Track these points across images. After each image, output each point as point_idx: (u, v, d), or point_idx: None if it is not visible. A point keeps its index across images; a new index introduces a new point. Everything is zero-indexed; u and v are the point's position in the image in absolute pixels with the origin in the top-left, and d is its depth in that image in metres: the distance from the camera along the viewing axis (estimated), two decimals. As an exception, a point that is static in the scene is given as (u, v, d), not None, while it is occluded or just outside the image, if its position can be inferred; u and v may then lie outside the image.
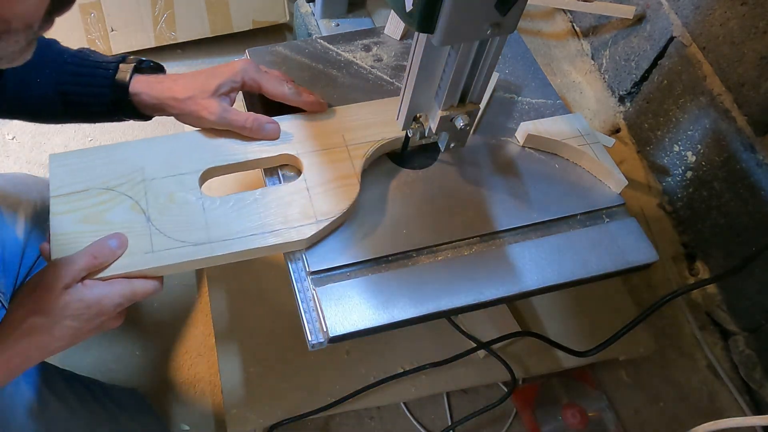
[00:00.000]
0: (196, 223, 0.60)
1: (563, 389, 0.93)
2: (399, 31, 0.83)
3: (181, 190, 0.62)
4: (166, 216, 0.60)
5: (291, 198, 0.63)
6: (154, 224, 0.60)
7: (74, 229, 0.59)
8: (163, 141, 0.66)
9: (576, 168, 0.72)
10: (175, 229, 0.59)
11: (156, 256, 0.58)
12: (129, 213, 0.60)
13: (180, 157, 0.65)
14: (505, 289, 0.62)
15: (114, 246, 0.57)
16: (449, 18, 0.48)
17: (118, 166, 0.64)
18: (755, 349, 0.97)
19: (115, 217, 0.60)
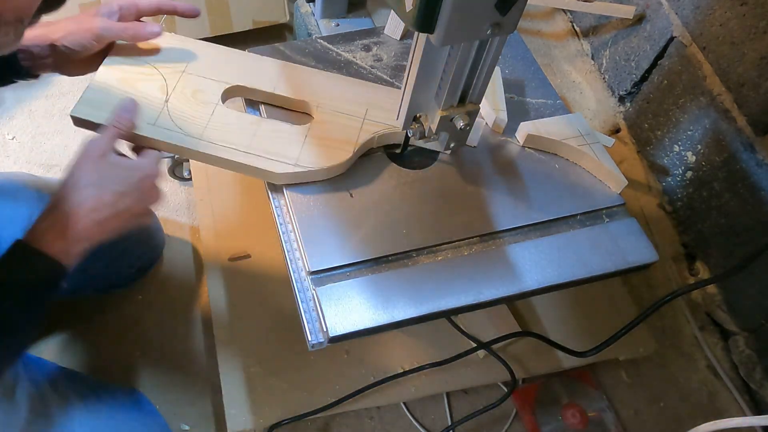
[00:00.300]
0: (199, 120, 0.68)
1: (563, 389, 0.93)
2: (399, 31, 0.83)
3: (206, 90, 0.70)
4: (181, 105, 0.68)
5: (288, 137, 0.68)
6: (168, 106, 0.68)
7: (110, 83, 0.69)
8: (216, 49, 0.75)
9: (576, 168, 0.72)
10: (180, 117, 0.67)
11: (154, 129, 0.66)
12: (156, 89, 0.69)
13: (221, 67, 0.73)
14: (505, 289, 0.62)
15: (129, 108, 0.65)
16: (449, 18, 0.48)
17: (172, 53, 0.73)
18: (755, 349, 0.97)
19: (144, 88, 0.69)
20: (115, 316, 0.98)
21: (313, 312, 0.60)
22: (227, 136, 0.67)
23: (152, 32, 0.70)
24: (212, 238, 0.96)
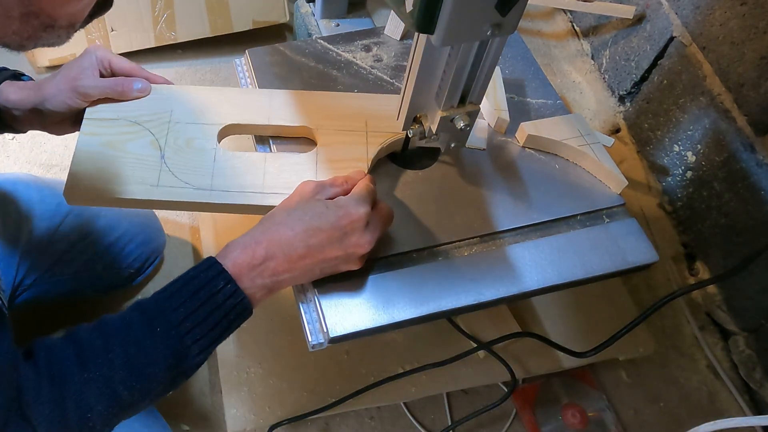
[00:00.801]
0: (204, 169, 0.64)
1: (563, 389, 0.93)
2: (399, 31, 0.83)
3: (200, 137, 0.66)
4: (180, 157, 0.64)
5: (299, 167, 0.65)
6: (167, 162, 0.64)
7: (95, 150, 0.64)
8: (197, 91, 0.70)
9: (576, 168, 0.72)
10: (183, 171, 0.63)
11: (159, 190, 0.62)
12: (147, 147, 0.65)
13: (208, 109, 0.68)
14: (505, 289, 0.62)
15: (139, 87, 0.67)
16: (449, 18, 0.48)
17: (151, 103, 0.68)
18: (755, 349, 0.97)
19: (134, 148, 0.64)
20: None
21: (314, 312, 0.60)
22: (237, 180, 0.63)
23: (141, 89, 0.68)
24: (212, 238, 0.96)
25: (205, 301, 0.52)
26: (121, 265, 0.92)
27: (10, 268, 0.79)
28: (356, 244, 0.55)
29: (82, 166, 0.62)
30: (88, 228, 0.86)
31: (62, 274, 0.87)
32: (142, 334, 0.51)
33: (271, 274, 0.54)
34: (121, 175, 0.62)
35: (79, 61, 0.67)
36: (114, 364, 0.50)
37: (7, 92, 0.65)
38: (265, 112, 0.69)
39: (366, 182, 0.61)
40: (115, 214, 0.90)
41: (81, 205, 0.65)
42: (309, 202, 0.56)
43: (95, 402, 0.49)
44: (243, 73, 0.80)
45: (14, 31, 0.42)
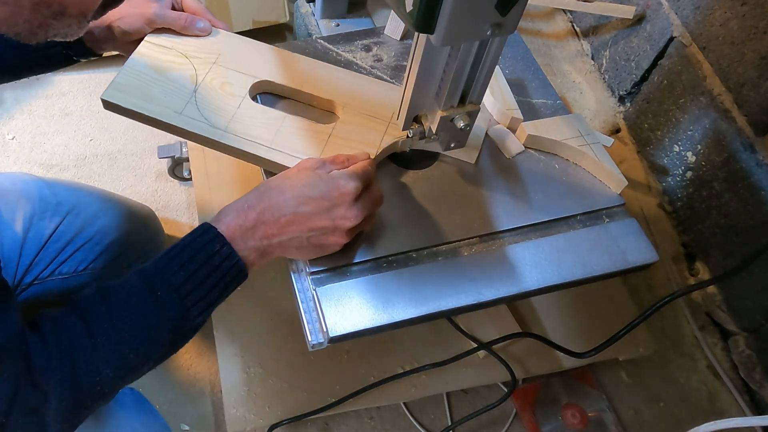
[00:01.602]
0: (225, 112, 0.67)
1: (563, 389, 0.93)
2: (399, 31, 0.83)
3: (234, 83, 0.70)
4: (210, 96, 0.68)
5: (311, 135, 0.68)
6: (196, 97, 0.68)
7: (142, 69, 0.69)
8: (249, 44, 0.75)
9: (576, 168, 0.72)
10: (206, 108, 0.67)
11: (180, 118, 0.66)
12: (186, 79, 0.69)
13: (252, 61, 0.73)
14: (505, 289, 0.62)
15: (201, 26, 0.72)
16: (449, 18, 0.48)
17: (204, 43, 0.73)
18: (755, 350, 0.97)
19: (174, 76, 0.69)
20: (115, 316, 0.98)
21: (313, 312, 0.60)
22: (251, 129, 0.67)
23: (203, 28, 0.72)
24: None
25: (202, 263, 0.54)
26: (121, 265, 0.92)
27: (10, 265, 0.79)
28: (343, 216, 0.57)
29: (126, 79, 0.68)
30: (89, 227, 0.86)
31: (62, 274, 0.87)
32: (144, 299, 0.53)
33: (261, 236, 0.56)
34: (155, 96, 0.67)
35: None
36: (119, 329, 0.52)
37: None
38: (300, 78, 0.72)
39: (364, 163, 0.62)
40: (116, 215, 0.90)
41: (113, 112, 0.68)
42: (305, 173, 0.58)
43: (104, 366, 0.51)
44: (243, 73, 0.80)
45: (25, 20, 0.43)
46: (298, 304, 0.61)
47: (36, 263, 0.83)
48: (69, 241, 0.85)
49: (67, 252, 0.86)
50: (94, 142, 1.18)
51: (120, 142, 1.18)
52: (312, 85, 0.72)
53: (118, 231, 0.90)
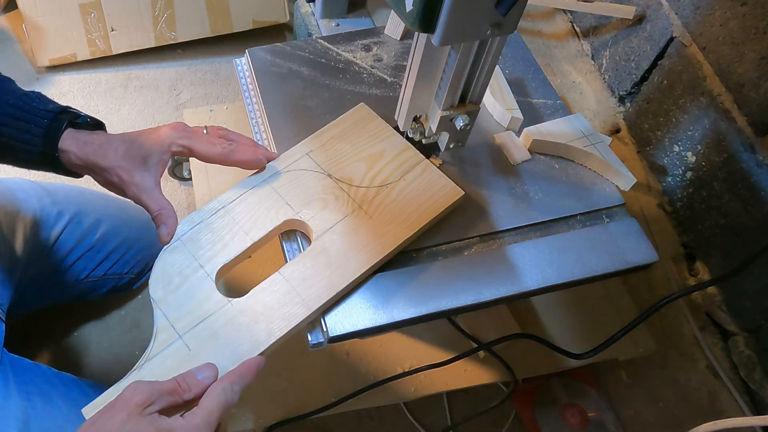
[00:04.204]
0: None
1: (563, 389, 0.93)
2: (399, 31, 0.83)
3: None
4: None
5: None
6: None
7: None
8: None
9: (576, 168, 0.72)
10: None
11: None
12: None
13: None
14: (505, 289, 0.62)
15: (201, 378, 0.51)
16: (449, 18, 0.48)
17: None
18: (755, 350, 0.97)
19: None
20: (115, 316, 0.98)
21: (313, 312, 0.60)
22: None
23: (161, 237, 0.61)
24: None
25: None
26: (122, 271, 0.93)
27: (10, 281, 0.79)
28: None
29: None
30: (90, 236, 0.86)
31: (63, 281, 0.87)
32: None
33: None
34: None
35: (149, 150, 0.61)
36: None
37: (68, 153, 0.61)
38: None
39: (223, 393, 0.49)
40: (116, 221, 0.90)
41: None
42: (136, 422, 0.45)
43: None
44: (243, 73, 0.80)
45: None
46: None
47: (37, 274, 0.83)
48: (69, 251, 0.85)
49: (68, 262, 0.86)
50: (94, 142, 1.18)
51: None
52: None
53: (119, 238, 0.90)
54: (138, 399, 0.46)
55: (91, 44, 1.22)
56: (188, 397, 0.49)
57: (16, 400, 0.67)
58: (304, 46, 0.81)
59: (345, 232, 0.62)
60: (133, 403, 0.45)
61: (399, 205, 0.64)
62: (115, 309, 0.99)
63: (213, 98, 1.25)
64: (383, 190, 0.65)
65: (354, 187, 0.65)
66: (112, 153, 0.60)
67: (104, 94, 1.24)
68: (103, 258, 0.89)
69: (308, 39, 0.84)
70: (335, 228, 0.62)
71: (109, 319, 0.98)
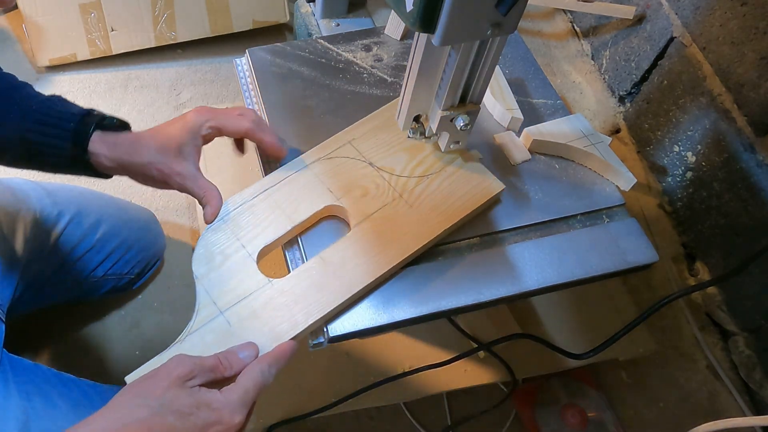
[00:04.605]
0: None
1: (563, 389, 0.93)
2: (399, 31, 0.83)
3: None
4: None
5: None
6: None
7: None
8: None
9: (575, 168, 0.72)
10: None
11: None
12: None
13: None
14: (506, 289, 0.62)
15: (243, 357, 0.53)
16: (449, 18, 0.48)
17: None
18: (755, 350, 0.97)
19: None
20: (115, 316, 0.98)
21: (313, 312, 0.60)
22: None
23: (205, 217, 0.61)
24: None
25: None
26: (122, 271, 0.93)
27: (10, 282, 0.79)
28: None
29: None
30: (90, 236, 0.86)
31: (63, 282, 0.87)
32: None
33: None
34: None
35: (181, 135, 0.61)
36: None
37: (98, 155, 0.61)
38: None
39: (260, 374, 0.51)
40: (116, 222, 0.90)
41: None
42: (176, 392, 0.47)
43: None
44: (243, 72, 0.80)
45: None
46: (298, 304, 0.61)
47: (37, 275, 0.83)
48: (70, 251, 0.85)
49: (68, 262, 0.86)
50: (94, 142, 1.18)
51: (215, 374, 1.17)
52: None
53: (119, 239, 0.90)
54: (180, 371, 0.48)
55: (91, 44, 1.22)
56: (229, 374, 0.51)
57: (16, 400, 0.67)
58: (304, 46, 0.81)
59: (385, 219, 0.63)
60: (176, 375, 0.47)
61: (440, 196, 0.64)
62: (115, 309, 0.99)
63: (213, 98, 1.25)
64: (424, 181, 0.66)
65: (395, 177, 0.66)
66: (146, 150, 0.60)
67: (104, 94, 1.24)
68: (103, 258, 0.89)
69: (308, 39, 0.84)
70: (375, 215, 0.63)
71: (109, 319, 0.98)
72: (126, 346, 0.96)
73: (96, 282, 0.90)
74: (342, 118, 0.73)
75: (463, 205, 0.64)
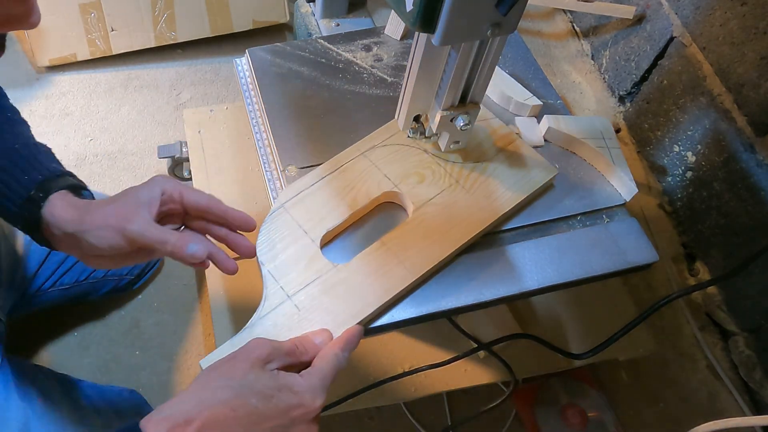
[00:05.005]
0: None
1: (563, 389, 0.93)
2: (399, 31, 0.83)
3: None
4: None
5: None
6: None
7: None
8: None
9: (578, 168, 0.72)
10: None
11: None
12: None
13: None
14: (506, 289, 0.62)
15: (318, 342, 0.53)
16: (449, 18, 0.48)
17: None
18: (755, 350, 0.97)
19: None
20: (115, 316, 0.98)
21: (313, 312, 0.60)
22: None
23: (194, 254, 0.54)
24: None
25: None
26: (122, 272, 0.93)
27: (10, 281, 0.79)
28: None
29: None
30: None
31: (63, 285, 0.87)
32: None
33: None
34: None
35: (138, 192, 0.56)
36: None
37: (54, 206, 0.56)
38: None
39: (335, 357, 0.51)
40: None
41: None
42: (257, 375, 0.47)
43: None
44: (243, 72, 0.80)
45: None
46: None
47: (38, 276, 0.83)
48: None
49: (68, 264, 0.86)
50: (94, 142, 1.18)
51: (120, 142, 1.18)
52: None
53: None
54: (260, 353, 0.48)
55: (91, 44, 1.22)
56: (305, 359, 0.52)
57: (16, 401, 0.67)
58: (304, 46, 0.81)
59: (444, 204, 0.64)
60: (255, 356, 0.48)
61: (495, 181, 0.66)
62: (115, 309, 0.99)
63: (213, 98, 1.26)
64: (479, 166, 0.67)
65: (450, 163, 0.67)
66: (99, 212, 0.55)
67: (104, 94, 1.24)
68: None
69: (308, 39, 0.84)
70: (434, 200, 0.64)
71: (109, 319, 0.98)
72: (126, 346, 0.96)
73: (96, 282, 0.90)
74: (342, 118, 0.73)
75: (520, 190, 0.65)
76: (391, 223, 0.64)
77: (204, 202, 0.58)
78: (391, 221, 0.65)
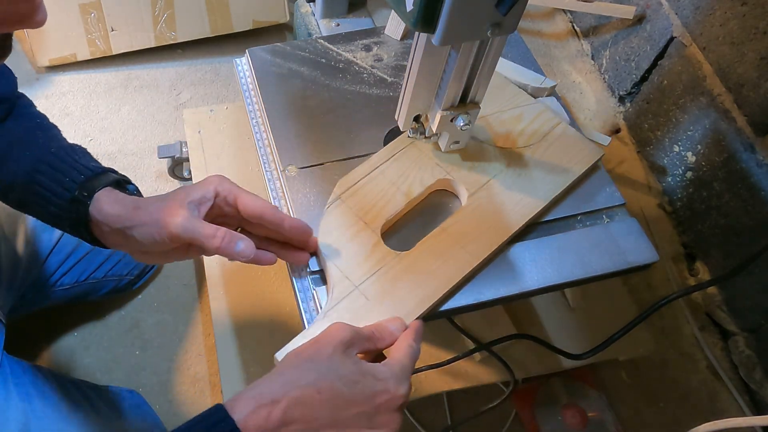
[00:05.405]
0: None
1: (563, 389, 0.93)
2: (399, 31, 0.83)
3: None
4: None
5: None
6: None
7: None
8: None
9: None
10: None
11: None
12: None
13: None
14: (506, 289, 0.62)
15: (393, 329, 0.54)
16: (449, 18, 0.48)
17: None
18: (755, 350, 0.97)
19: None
20: (115, 316, 0.98)
21: (314, 312, 0.60)
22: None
23: (242, 252, 0.53)
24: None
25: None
26: (122, 273, 0.93)
27: (10, 282, 0.79)
28: (385, 423, 0.48)
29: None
30: None
31: (63, 285, 0.87)
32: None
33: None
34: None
35: (189, 190, 0.56)
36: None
37: (102, 203, 0.56)
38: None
39: (411, 348, 0.52)
40: None
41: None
42: (342, 359, 0.47)
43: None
44: (243, 72, 0.80)
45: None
46: (299, 304, 0.61)
47: (38, 276, 0.83)
48: (70, 253, 0.85)
49: (68, 264, 0.86)
50: (94, 142, 1.18)
51: (120, 142, 1.18)
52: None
53: None
54: (342, 337, 0.49)
55: (91, 44, 1.22)
56: (381, 345, 0.52)
57: (16, 402, 0.67)
58: (304, 46, 0.81)
59: (497, 189, 0.65)
60: (338, 340, 0.48)
61: (545, 164, 0.67)
62: (115, 309, 0.99)
63: (213, 98, 1.26)
64: (528, 150, 0.68)
65: (498, 148, 0.68)
66: (148, 207, 0.55)
67: (104, 94, 1.24)
68: (104, 260, 0.90)
69: (308, 39, 0.84)
70: (487, 185, 0.65)
71: (109, 319, 0.98)
72: (126, 346, 0.96)
73: (96, 283, 0.90)
74: (342, 118, 0.73)
75: (569, 171, 0.66)
76: (441, 210, 0.65)
77: (257, 209, 0.56)
78: (441, 209, 0.66)
